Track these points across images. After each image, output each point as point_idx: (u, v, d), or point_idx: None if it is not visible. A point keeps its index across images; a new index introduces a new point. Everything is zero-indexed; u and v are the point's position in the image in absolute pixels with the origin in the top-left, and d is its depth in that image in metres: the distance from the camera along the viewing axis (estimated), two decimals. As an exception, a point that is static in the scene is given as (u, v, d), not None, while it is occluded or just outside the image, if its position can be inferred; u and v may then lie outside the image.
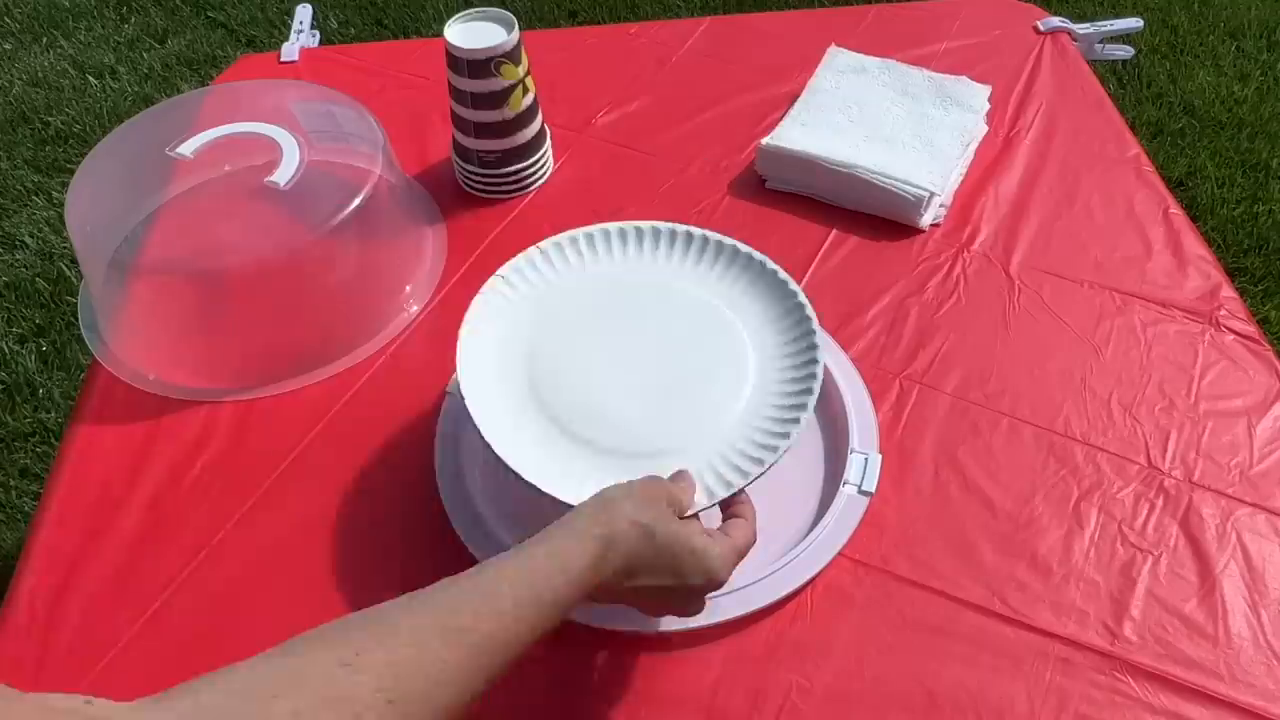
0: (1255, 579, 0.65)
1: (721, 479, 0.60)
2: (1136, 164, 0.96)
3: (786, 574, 0.64)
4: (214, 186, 0.84)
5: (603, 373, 0.66)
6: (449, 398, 0.74)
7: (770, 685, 0.60)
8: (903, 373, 0.78)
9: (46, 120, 2.05)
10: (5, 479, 1.46)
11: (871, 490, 0.68)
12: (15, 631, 0.63)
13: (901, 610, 0.64)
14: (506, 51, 0.83)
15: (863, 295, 0.84)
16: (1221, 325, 0.81)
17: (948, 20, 1.14)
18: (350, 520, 0.69)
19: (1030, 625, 0.63)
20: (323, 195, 0.80)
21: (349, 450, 0.73)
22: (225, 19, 2.34)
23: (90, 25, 2.32)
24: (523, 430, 0.63)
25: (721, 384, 0.66)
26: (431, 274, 0.87)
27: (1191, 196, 1.86)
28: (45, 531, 0.69)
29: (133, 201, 0.84)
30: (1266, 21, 2.29)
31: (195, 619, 0.64)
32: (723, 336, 0.68)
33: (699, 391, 0.65)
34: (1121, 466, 0.71)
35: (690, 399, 0.65)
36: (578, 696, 0.60)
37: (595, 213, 0.92)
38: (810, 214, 0.91)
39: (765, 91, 1.05)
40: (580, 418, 0.64)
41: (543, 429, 0.63)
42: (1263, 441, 0.73)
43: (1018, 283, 0.85)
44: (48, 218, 1.83)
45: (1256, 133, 2.00)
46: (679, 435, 0.63)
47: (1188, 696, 0.59)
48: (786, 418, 0.63)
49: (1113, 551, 0.67)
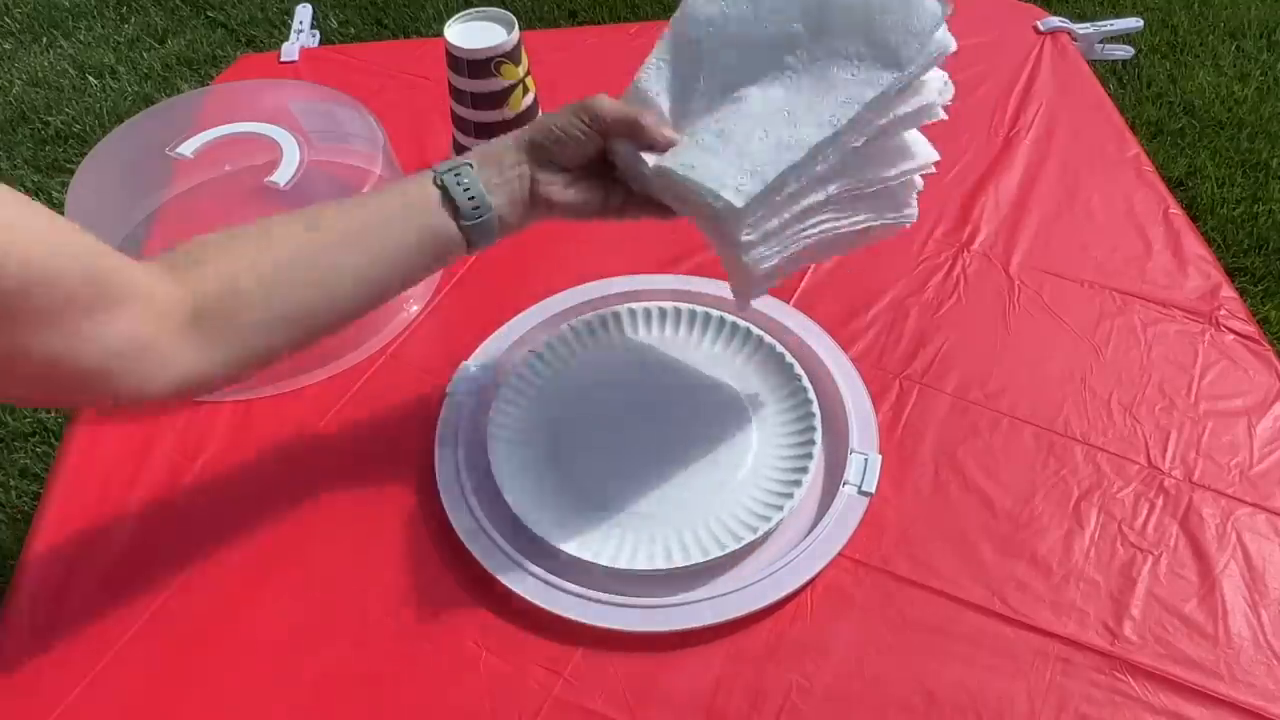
0: (1255, 579, 0.65)
1: (699, 545, 0.65)
2: (1136, 164, 0.96)
3: (786, 574, 0.64)
4: (214, 186, 0.84)
5: (618, 438, 0.73)
6: (449, 398, 0.74)
7: (770, 685, 0.60)
8: (903, 373, 0.78)
9: (46, 120, 2.05)
10: (5, 479, 1.46)
11: (871, 490, 0.68)
12: (15, 631, 0.63)
13: (901, 610, 0.64)
14: (506, 51, 0.83)
15: (863, 295, 0.84)
16: (1221, 325, 0.81)
17: (947, 20, 1.14)
18: (350, 520, 0.69)
19: (1030, 625, 0.63)
20: (323, 195, 0.79)
21: (349, 450, 0.73)
22: (225, 19, 2.34)
23: (90, 25, 2.32)
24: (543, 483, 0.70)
25: (723, 459, 0.71)
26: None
27: (1191, 196, 1.86)
28: (45, 531, 0.69)
29: (133, 201, 0.84)
30: (1266, 21, 2.29)
31: (195, 619, 0.64)
32: (731, 414, 0.74)
33: (703, 464, 0.71)
34: (1121, 466, 0.71)
35: (693, 471, 0.71)
36: (578, 696, 0.60)
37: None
38: (810, 214, 0.91)
39: (765, 91, 1.05)
40: (594, 478, 0.70)
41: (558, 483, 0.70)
42: (1263, 441, 0.73)
43: (1018, 283, 0.85)
44: (48, 218, 1.83)
45: (1256, 133, 2.00)
46: (674, 500, 0.69)
47: (1188, 696, 0.59)
48: (772, 503, 0.68)
49: (1113, 551, 0.67)
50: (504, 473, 0.68)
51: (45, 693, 0.60)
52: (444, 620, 0.64)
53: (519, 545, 0.65)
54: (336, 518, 0.69)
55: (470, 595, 0.64)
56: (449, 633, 0.63)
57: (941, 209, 0.92)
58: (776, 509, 0.66)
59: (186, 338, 0.51)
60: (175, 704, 0.60)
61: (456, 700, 0.60)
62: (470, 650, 0.62)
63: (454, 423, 0.72)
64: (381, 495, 0.70)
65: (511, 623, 0.63)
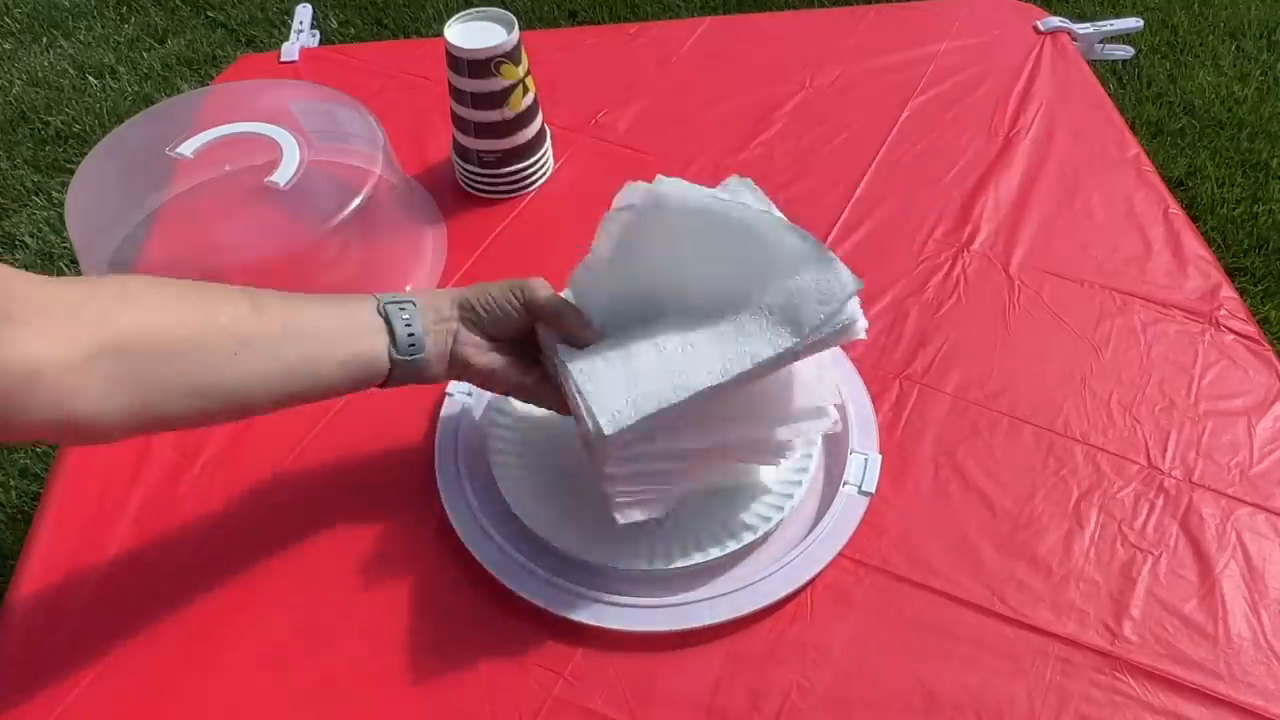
0: (1255, 579, 0.65)
1: (699, 545, 0.65)
2: (1136, 164, 0.96)
3: (786, 574, 0.64)
4: (214, 186, 0.84)
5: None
6: (449, 398, 0.74)
7: (770, 685, 0.60)
8: (903, 373, 0.78)
9: (46, 120, 2.05)
10: (5, 479, 1.46)
11: (871, 491, 0.68)
12: (15, 631, 0.63)
13: (901, 610, 0.64)
14: (506, 51, 0.83)
15: (863, 295, 0.83)
16: (1221, 325, 0.81)
17: (948, 20, 1.14)
18: (350, 520, 0.69)
19: (1030, 625, 0.63)
20: (323, 195, 0.80)
21: (349, 450, 0.73)
22: (225, 19, 2.34)
23: (90, 25, 2.32)
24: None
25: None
26: (431, 274, 0.87)
27: (1191, 196, 1.86)
28: (45, 532, 0.69)
29: (133, 201, 0.84)
30: (1266, 21, 2.29)
31: (195, 619, 0.64)
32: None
33: None
34: (1121, 466, 0.71)
35: None
36: (578, 696, 0.60)
37: (596, 213, 0.92)
38: (809, 214, 0.91)
39: (765, 91, 1.05)
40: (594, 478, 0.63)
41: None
42: (1263, 441, 0.73)
43: (1018, 283, 0.85)
44: (48, 218, 1.83)
45: (1256, 133, 2.00)
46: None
47: (1188, 696, 0.59)
48: (772, 503, 0.67)
49: (1113, 551, 0.67)
50: (504, 473, 0.68)
51: (45, 693, 0.60)
52: (444, 620, 0.64)
53: (519, 545, 0.65)
54: (337, 518, 0.69)
55: (470, 595, 0.64)
56: (449, 633, 0.63)
57: (941, 209, 0.92)
58: (776, 509, 0.66)
59: (83, 375, 0.47)
60: (175, 704, 0.60)
61: (457, 700, 0.60)
62: (470, 650, 0.62)
63: (454, 423, 0.72)
64: (382, 495, 0.70)
65: (511, 623, 0.63)
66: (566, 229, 0.91)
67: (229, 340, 0.52)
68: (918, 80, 1.06)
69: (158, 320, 0.50)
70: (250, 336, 0.53)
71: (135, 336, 0.49)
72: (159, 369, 0.50)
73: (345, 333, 0.57)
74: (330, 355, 0.56)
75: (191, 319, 0.51)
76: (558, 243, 0.89)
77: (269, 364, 0.54)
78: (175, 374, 0.50)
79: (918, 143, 0.99)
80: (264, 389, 0.54)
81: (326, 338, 0.56)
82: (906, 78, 1.07)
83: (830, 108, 1.03)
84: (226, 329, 0.52)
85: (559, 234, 0.90)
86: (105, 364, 0.47)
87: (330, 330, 0.57)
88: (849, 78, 1.07)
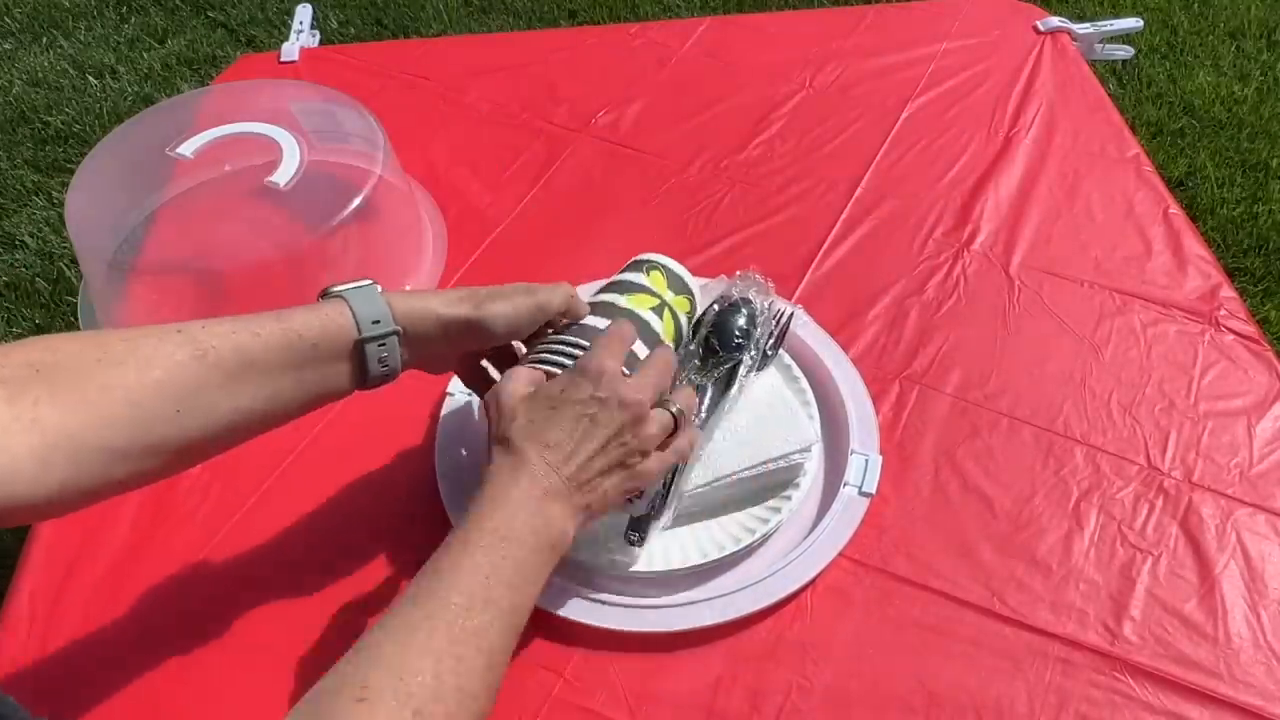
0: (1255, 579, 0.65)
1: (699, 546, 0.65)
2: (1136, 164, 0.96)
3: (786, 574, 0.64)
4: (214, 186, 0.84)
5: None
6: (449, 398, 0.74)
7: (770, 685, 0.60)
8: (903, 373, 0.78)
9: (46, 120, 2.05)
10: (5, 479, 1.46)
11: (872, 492, 0.68)
12: (15, 631, 0.63)
13: (901, 610, 0.64)
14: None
15: (863, 295, 0.84)
16: (1221, 325, 0.81)
17: (948, 20, 1.14)
18: (350, 520, 0.69)
19: (1030, 625, 0.63)
20: (323, 195, 0.80)
21: (349, 450, 0.73)
22: (225, 19, 2.34)
23: (90, 25, 2.32)
24: None
25: None
26: (431, 274, 0.87)
27: (1191, 196, 1.86)
28: (45, 531, 0.69)
29: (133, 201, 0.84)
30: (1266, 21, 2.29)
31: (194, 619, 0.64)
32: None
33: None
34: (1121, 467, 0.71)
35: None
36: (578, 696, 0.60)
37: (596, 212, 0.93)
38: (810, 214, 0.91)
39: (765, 91, 1.05)
40: None
41: None
42: (1263, 441, 0.73)
43: (1018, 283, 0.85)
44: (48, 218, 1.83)
45: (1256, 133, 2.00)
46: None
47: (1188, 696, 0.59)
48: (772, 504, 0.68)
49: (1112, 551, 0.67)
50: None
51: (45, 693, 0.60)
52: (444, 620, 0.64)
53: (519, 545, 0.65)
54: (337, 517, 0.69)
55: (470, 595, 0.64)
56: (449, 633, 0.63)
57: (941, 209, 0.92)
58: (776, 510, 0.66)
59: (23, 453, 0.44)
60: (175, 704, 0.60)
61: (456, 700, 0.60)
62: (470, 650, 0.62)
63: (454, 422, 0.72)
64: (382, 494, 0.70)
65: (511, 623, 0.63)
66: (566, 229, 0.91)
67: (174, 398, 0.50)
68: (918, 80, 1.06)
69: (102, 389, 0.48)
70: (196, 386, 0.50)
71: (75, 410, 0.47)
72: (103, 438, 0.48)
73: (316, 360, 0.55)
74: (298, 386, 0.55)
75: (137, 382, 0.49)
76: (558, 243, 0.89)
77: (221, 409, 0.52)
78: (125, 441, 0.49)
79: (918, 143, 0.99)
80: (224, 430, 0.52)
81: (308, 370, 0.55)
82: (906, 78, 1.07)
83: (830, 108, 1.03)
84: (167, 383, 0.49)
85: (559, 234, 0.90)
86: (46, 444, 0.45)
87: (297, 360, 0.55)
88: (849, 78, 1.07)
